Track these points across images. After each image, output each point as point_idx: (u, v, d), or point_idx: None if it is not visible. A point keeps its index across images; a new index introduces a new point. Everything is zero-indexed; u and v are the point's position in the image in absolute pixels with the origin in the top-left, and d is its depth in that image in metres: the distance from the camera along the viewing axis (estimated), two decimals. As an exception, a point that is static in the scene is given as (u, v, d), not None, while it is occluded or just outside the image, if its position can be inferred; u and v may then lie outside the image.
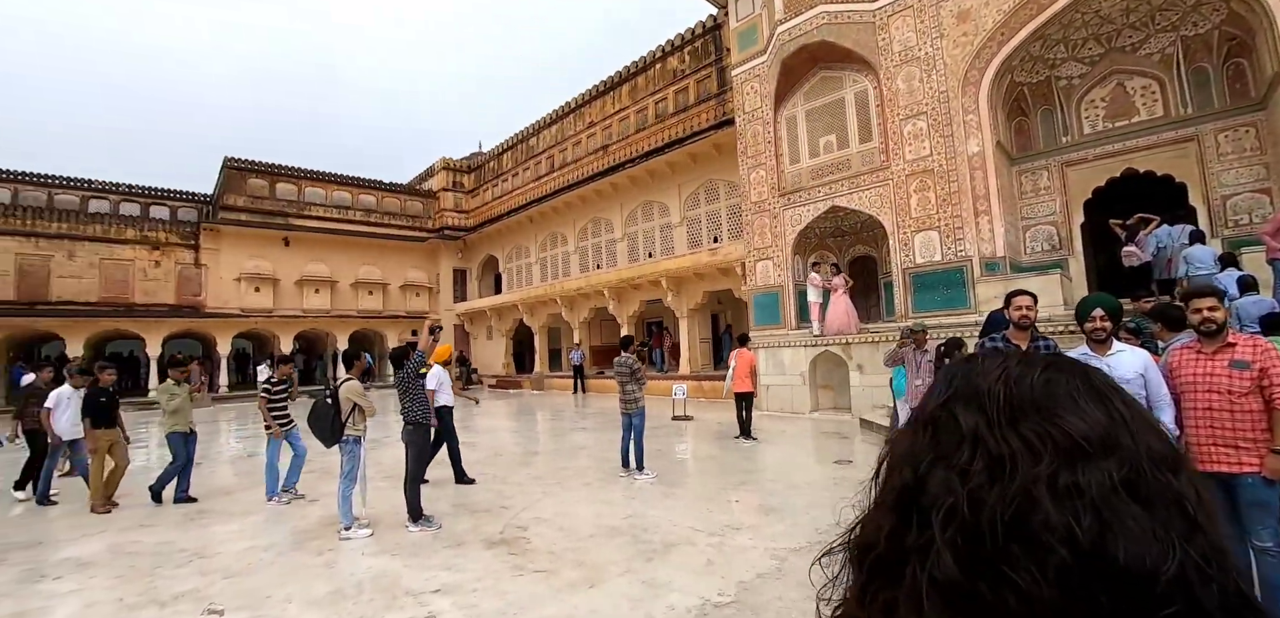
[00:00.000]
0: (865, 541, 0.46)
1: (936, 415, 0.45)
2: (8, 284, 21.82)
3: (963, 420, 0.44)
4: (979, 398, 0.45)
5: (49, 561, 5.22)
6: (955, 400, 0.45)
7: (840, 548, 0.47)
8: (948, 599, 0.39)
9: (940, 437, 0.44)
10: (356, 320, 28.05)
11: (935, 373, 5.99)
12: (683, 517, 5.75)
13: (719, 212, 19.50)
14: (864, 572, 0.45)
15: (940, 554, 0.40)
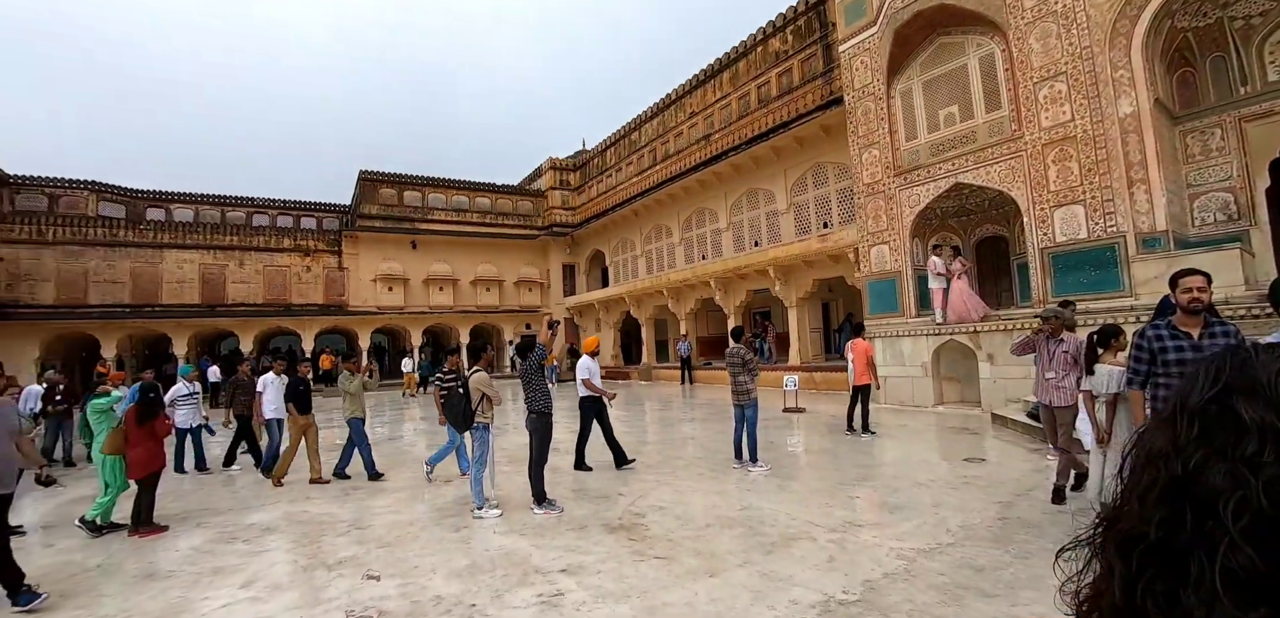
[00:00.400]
0: (1131, 532, 0.45)
1: (1206, 408, 0.44)
2: (194, 290, 25.53)
3: (1244, 412, 0.43)
4: (1261, 389, 0.43)
5: (238, 524, 6.08)
6: (1230, 393, 0.44)
7: (1088, 541, 0.47)
8: (1246, 591, 0.38)
9: (1214, 429, 0.43)
10: (476, 315, 29.97)
11: (1079, 365, 5.42)
12: (800, 511, 5.64)
13: (828, 196, 18.76)
14: (1133, 564, 0.45)
15: (1236, 547, 0.39)
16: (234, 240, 26.78)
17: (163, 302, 24.81)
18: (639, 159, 27.45)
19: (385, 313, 28.22)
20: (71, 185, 28.38)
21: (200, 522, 6.26)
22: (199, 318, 25.06)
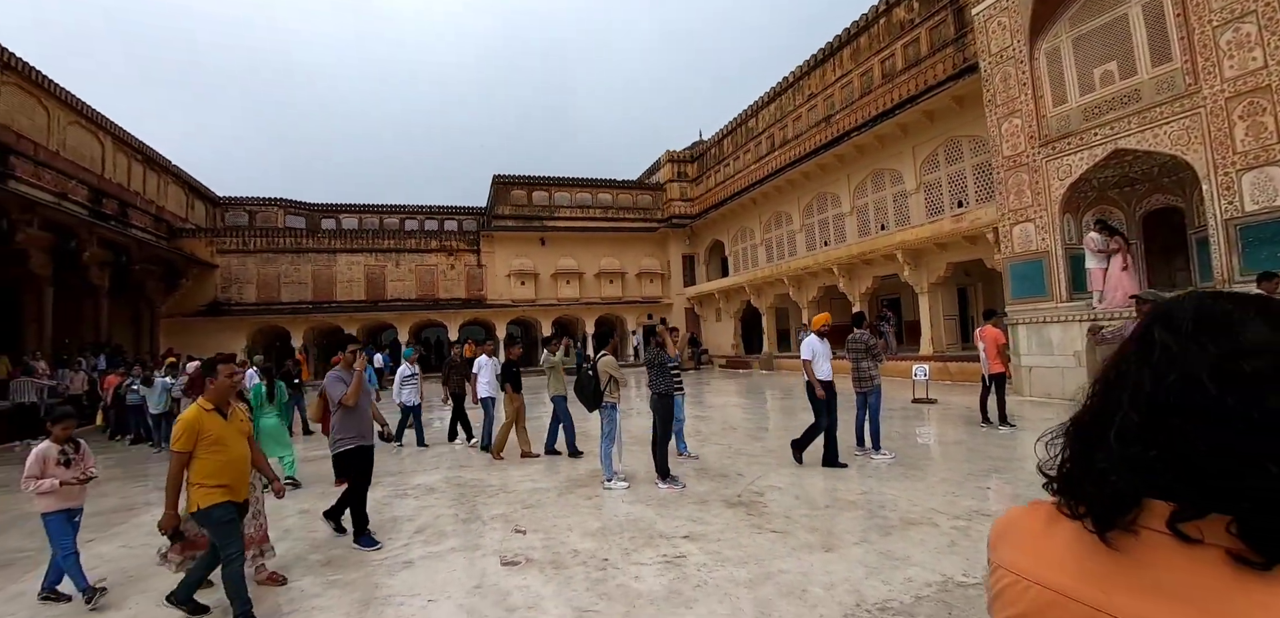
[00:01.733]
0: (1077, 417, 0.69)
1: (1142, 333, 0.66)
2: (360, 288, 29.16)
3: (1156, 334, 0.64)
4: (1173, 321, 0.64)
5: (408, 484, 7.11)
6: (1154, 321, 0.65)
7: (1059, 432, 0.70)
8: (1129, 444, 0.60)
9: (1141, 345, 0.65)
10: (601, 307, 31.35)
11: None
12: (923, 498, 5.56)
13: (963, 172, 17.47)
14: (1075, 438, 0.67)
15: (1127, 415, 0.61)
16: (391, 244, 30.24)
17: (336, 298, 28.63)
18: (756, 146, 27.16)
19: (519, 305, 30.45)
20: (265, 203, 33.56)
21: (376, 482, 7.39)
22: (365, 312, 28.62)
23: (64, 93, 19.29)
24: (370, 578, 4.27)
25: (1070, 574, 0.61)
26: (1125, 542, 0.59)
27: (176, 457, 3.47)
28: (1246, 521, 0.51)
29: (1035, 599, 0.63)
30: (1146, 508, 0.57)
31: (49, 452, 4.08)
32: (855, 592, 3.68)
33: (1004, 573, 0.68)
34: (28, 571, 4.83)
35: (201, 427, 3.53)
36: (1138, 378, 0.62)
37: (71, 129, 19.87)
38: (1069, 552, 0.63)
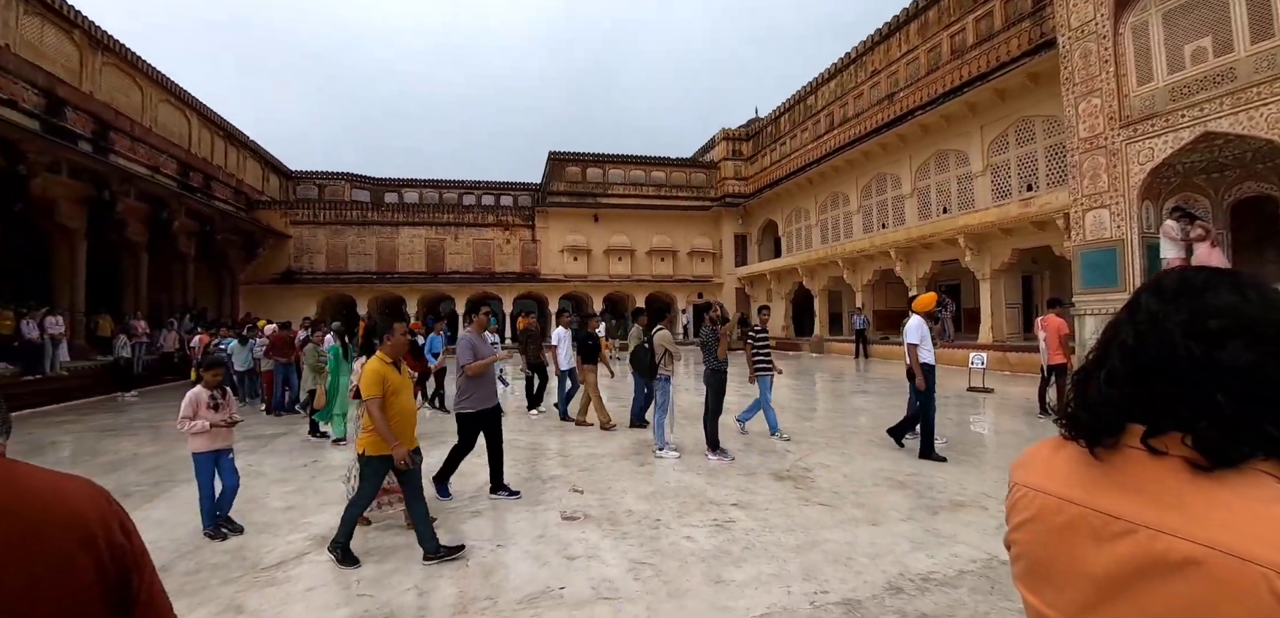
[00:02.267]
0: (1080, 368, 0.85)
1: (1131, 300, 0.81)
2: (421, 260, 30.32)
3: (1141, 298, 0.79)
4: (1160, 289, 0.79)
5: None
6: (1143, 289, 0.81)
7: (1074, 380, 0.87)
8: (1114, 386, 0.76)
9: (1133, 309, 0.80)
10: (651, 284, 31.59)
11: None
12: (974, 484, 5.57)
13: (1034, 154, 16.70)
14: (1076, 383, 0.84)
15: (1114, 364, 0.77)
16: (450, 218, 31.25)
17: (398, 270, 29.88)
18: (814, 124, 26.60)
19: (571, 280, 31.04)
20: (333, 177, 35.17)
21: (443, 440, 7.88)
22: (425, 283, 29.79)
23: (156, 72, 20.72)
24: (444, 522, 4.66)
25: (1067, 483, 0.78)
26: (1110, 457, 0.75)
27: (373, 402, 3.84)
28: (1201, 436, 0.67)
29: (1041, 505, 0.80)
30: (1128, 431, 0.73)
31: (200, 396, 4.50)
32: (899, 563, 3.80)
33: (1017, 488, 0.84)
34: (144, 503, 5.49)
35: (386, 377, 3.93)
36: (1124, 335, 0.78)
37: (162, 106, 21.36)
38: (1068, 467, 0.79)
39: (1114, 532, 0.70)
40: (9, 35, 14.38)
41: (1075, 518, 0.75)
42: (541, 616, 3.24)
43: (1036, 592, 0.79)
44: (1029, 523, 0.81)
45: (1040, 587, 0.79)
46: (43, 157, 13.94)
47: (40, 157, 13.84)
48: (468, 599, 3.45)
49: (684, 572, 3.74)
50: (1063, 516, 0.76)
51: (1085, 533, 0.73)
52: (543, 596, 3.46)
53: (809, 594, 3.41)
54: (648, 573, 3.72)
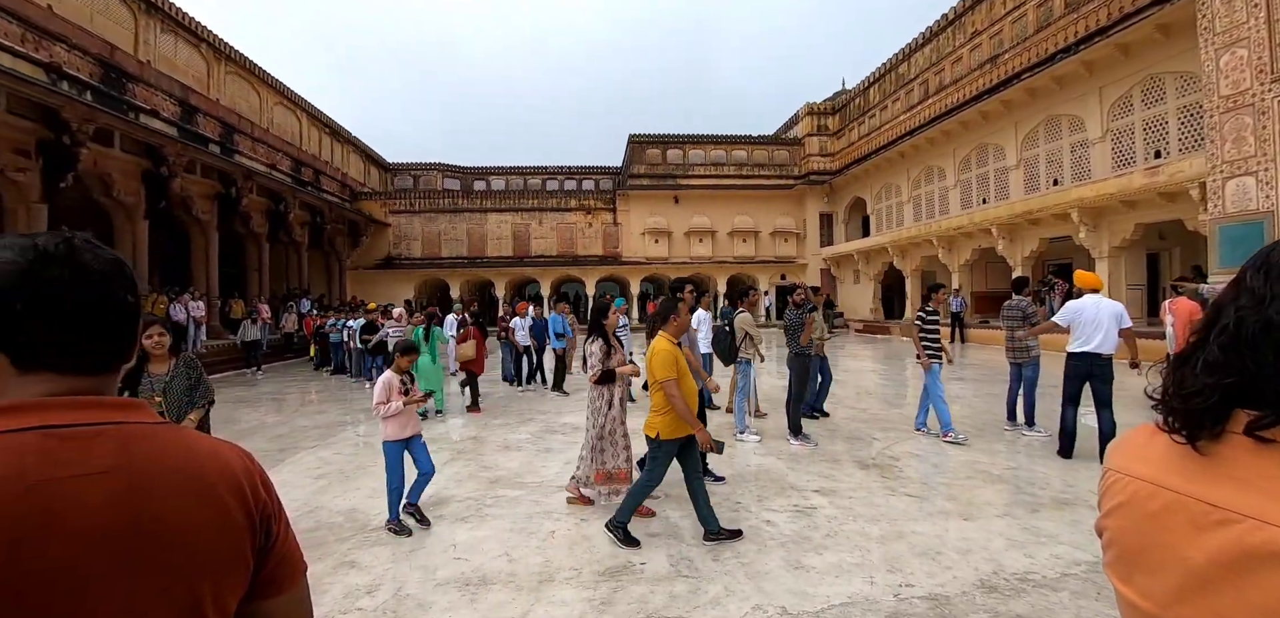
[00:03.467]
0: (1180, 354, 0.81)
1: (1237, 278, 0.76)
2: (508, 245, 31.51)
3: (1247, 279, 0.74)
4: (1269, 266, 0.73)
5: (556, 422, 7.85)
6: (1247, 269, 0.75)
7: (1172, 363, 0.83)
8: (1213, 372, 0.72)
9: (1237, 290, 0.75)
10: (733, 266, 31.23)
11: None
12: (1082, 480, 5.17)
13: (1163, 116, 14.98)
14: (1175, 368, 0.80)
15: (1211, 348, 0.73)
16: (534, 203, 32.24)
17: (487, 254, 31.22)
18: (907, 94, 25.16)
19: (652, 263, 31.23)
20: (426, 168, 37.09)
21: (529, 419, 8.25)
22: (512, 267, 30.99)
23: (271, 77, 22.61)
24: (531, 496, 4.91)
25: (1163, 468, 0.75)
26: (1210, 446, 0.71)
27: (672, 383, 3.83)
28: None
29: (1134, 491, 0.77)
30: (1232, 417, 0.70)
31: (393, 380, 4.37)
32: (993, 560, 3.62)
33: (1111, 474, 0.82)
34: (271, 466, 6.12)
35: (678, 358, 3.97)
36: (1226, 319, 0.73)
37: (277, 108, 23.30)
38: (1164, 452, 0.76)
39: (1213, 521, 0.67)
40: (149, 52, 16.17)
41: (1171, 504, 0.72)
42: (623, 588, 3.36)
43: (1128, 580, 0.77)
44: (1121, 508, 0.78)
45: (1132, 575, 0.76)
46: (181, 159, 15.64)
47: (179, 159, 15.53)
48: (554, 568, 3.63)
49: (763, 555, 3.74)
50: (1157, 501, 0.74)
51: (1182, 520, 0.70)
52: (624, 570, 3.58)
53: (893, 587, 3.33)
54: (727, 554, 3.76)
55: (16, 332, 0.70)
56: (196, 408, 3.62)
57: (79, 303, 0.73)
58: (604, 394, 4.57)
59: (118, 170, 14.38)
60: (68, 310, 0.72)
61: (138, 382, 3.42)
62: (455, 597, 3.32)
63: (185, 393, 3.58)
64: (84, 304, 0.73)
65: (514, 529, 4.24)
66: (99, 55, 13.94)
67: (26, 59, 11.75)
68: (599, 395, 4.58)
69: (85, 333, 0.74)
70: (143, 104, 15.04)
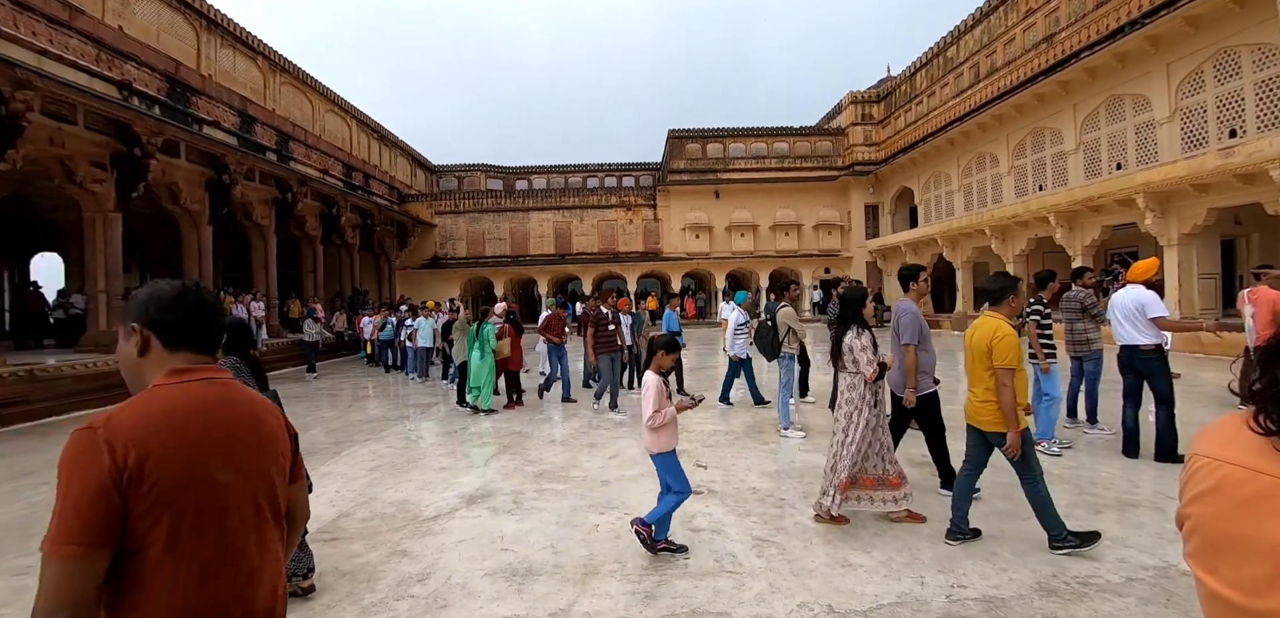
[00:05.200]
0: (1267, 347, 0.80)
1: None
2: (550, 243, 31.91)
3: None
4: None
5: (601, 418, 7.92)
6: None
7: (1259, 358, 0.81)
8: None
9: None
10: (775, 260, 30.83)
11: None
12: (1149, 482, 4.91)
13: (1239, 92, 14.00)
14: (1262, 361, 0.78)
15: None
16: (575, 201, 32.54)
17: (530, 253, 31.70)
18: (956, 79, 24.30)
19: (693, 258, 31.13)
20: (470, 169, 37.85)
21: (574, 414, 8.35)
22: (554, 265, 31.39)
23: (322, 86, 23.46)
24: (575, 490, 4.97)
25: (1257, 454, 0.72)
26: None
27: (1011, 373, 3.56)
28: None
29: (1223, 476, 0.75)
30: None
31: (659, 383, 3.77)
32: (1052, 562, 3.48)
33: (1199, 458, 0.80)
34: (329, 458, 6.37)
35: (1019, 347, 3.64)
36: None
37: (328, 116, 24.17)
38: (1253, 442, 0.74)
39: None
40: (210, 67, 17.00)
41: (1266, 489, 0.70)
42: (667, 582, 3.37)
43: (1211, 569, 0.75)
44: (1209, 494, 0.76)
45: (1215, 563, 0.75)
46: (241, 167, 16.40)
47: (239, 166, 16.29)
48: (598, 560, 3.67)
49: (808, 552, 3.69)
50: (1252, 486, 0.72)
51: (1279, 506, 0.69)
52: (668, 564, 3.59)
53: (945, 587, 3.23)
54: (771, 551, 3.72)
55: (172, 326, 1.24)
56: None
57: (202, 314, 1.29)
58: (869, 393, 4.12)
59: (184, 179, 15.19)
60: (197, 318, 1.27)
61: None
62: (502, 587, 3.40)
63: None
64: (204, 314, 1.29)
65: (558, 522, 4.31)
66: (165, 71, 14.73)
67: (101, 77, 12.49)
68: (863, 394, 4.11)
69: (203, 331, 1.28)
70: (205, 116, 15.82)
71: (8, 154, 10.42)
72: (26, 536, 4.34)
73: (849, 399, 4.14)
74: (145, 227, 18.57)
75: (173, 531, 1.07)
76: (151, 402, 1.13)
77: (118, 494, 1.02)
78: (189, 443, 1.12)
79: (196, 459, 1.12)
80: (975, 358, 3.77)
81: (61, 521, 1.00)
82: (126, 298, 1.14)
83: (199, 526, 1.10)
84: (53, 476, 1.05)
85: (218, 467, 1.15)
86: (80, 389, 10.52)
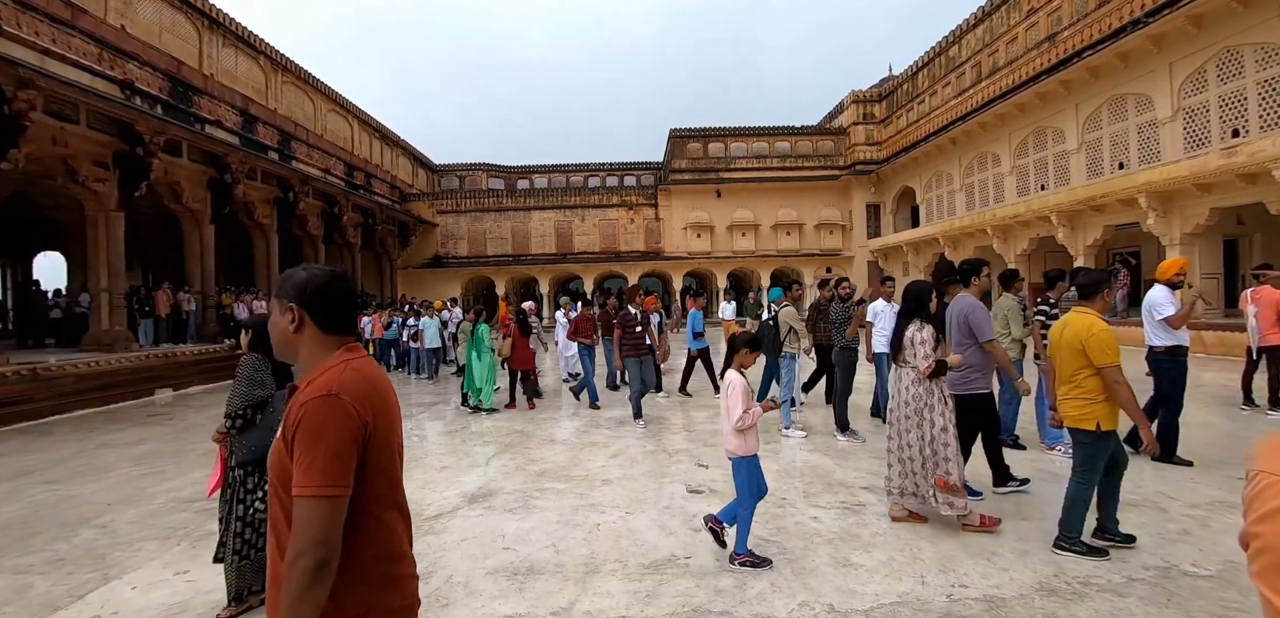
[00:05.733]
0: None
1: None
2: (551, 242, 31.92)
3: None
4: None
5: (601, 417, 7.91)
6: None
7: None
8: None
9: None
10: (777, 259, 30.82)
11: None
12: (1150, 482, 4.88)
13: (1242, 92, 13.98)
14: None
15: None
16: (577, 201, 32.55)
17: (531, 252, 31.71)
18: (958, 78, 24.28)
19: (695, 257, 31.15)
20: (471, 168, 37.85)
21: (576, 413, 8.36)
22: (555, 264, 31.41)
23: (324, 86, 23.47)
24: (576, 489, 4.97)
25: None
26: None
27: (1118, 369, 3.43)
28: None
29: None
30: None
31: (745, 384, 3.65)
32: (1052, 562, 3.47)
33: (1264, 476, 0.77)
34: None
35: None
36: None
37: (330, 115, 24.19)
38: None
39: None
40: (212, 66, 17.02)
41: None
42: (668, 582, 3.37)
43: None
44: (1277, 514, 0.74)
45: None
46: (242, 166, 16.43)
47: (241, 166, 16.32)
48: (599, 559, 3.67)
49: (809, 552, 3.69)
50: None
51: None
52: (669, 563, 3.59)
53: (946, 587, 3.23)
54: (773, 550, 3.72)
55: (326, 311, 1.38)
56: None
57: (350, 301, 1.43)
58: (937, 390, 3.96)
59: (186, 178, 15.21)
60: (344, 303, 1.41)
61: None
62: (505, 585, 3.40)
63: None
64: (351, 302, 1.44)
65: (560, 521, 4.31)
66: (167, 71, 14.75)
67: (103, 77, 12.52)
68: (930, 391, 3.94)
69: (349, 315, 1.43)
70: (207, 115, 15.84)
71: (11, 153, 10.45)
72: (28, 534, 4.35)
73: (916, 396, 3.98)
74: (147, 226, 18.60)
75: (379, 480, 1.29)
76: (363, 373, 1.33)
77: (360, 448, 1.24)
78: (387, 409, 1.34)
79: (388, 423, 1.34)
80: (1066, 355, 3.61)
81: (326, 468, 1.18)
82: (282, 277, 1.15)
83: (390, 476, 1.33)
84: (55, 474, 1.06)
85: (395, 430, 1.38)
86: (81, 389, 10.54)
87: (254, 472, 3.19)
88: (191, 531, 4.35)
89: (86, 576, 3.66)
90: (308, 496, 1.17)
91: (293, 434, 1.22)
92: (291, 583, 1.14)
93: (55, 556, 3.98)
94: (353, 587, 1.23)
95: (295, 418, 1.23)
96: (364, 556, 1.25)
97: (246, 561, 3.16)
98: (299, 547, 1.15)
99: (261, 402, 3.21)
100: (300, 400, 1.25)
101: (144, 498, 5.13)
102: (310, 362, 1.36)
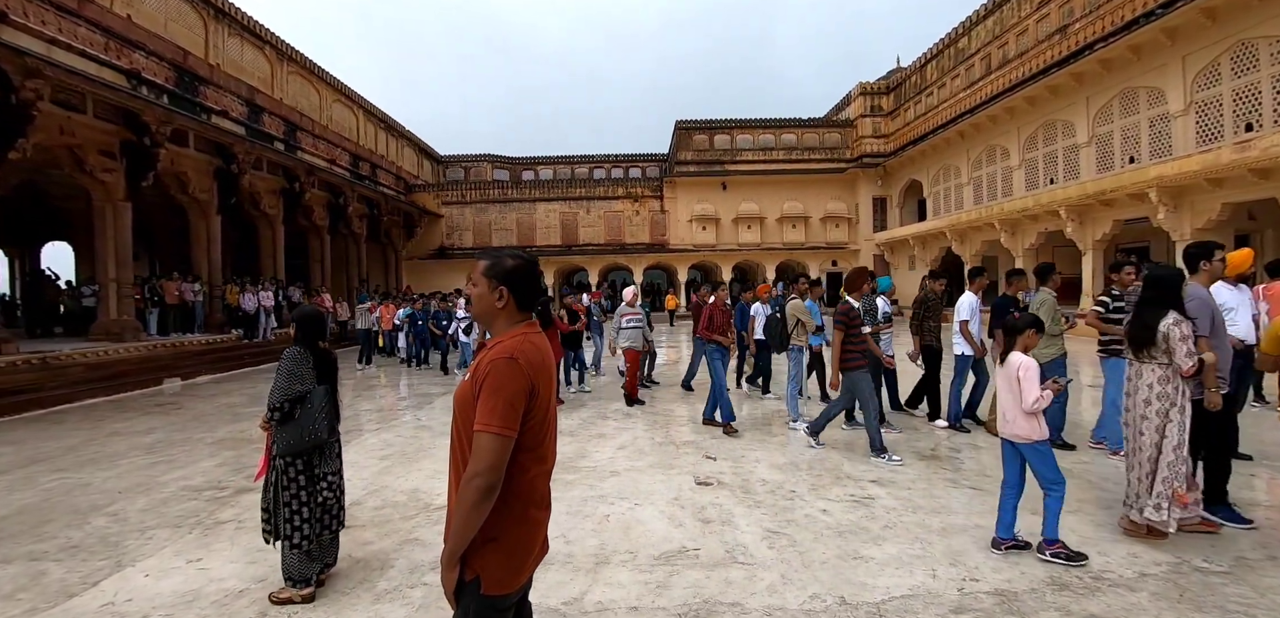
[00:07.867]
0: None
1: None
2: (556, 233, 31.88)
3: None
4: None
5: (609, 408, 7.92)
6: None
7: None
8: None
9: None
10: (782, 252, 30.73)
11: None
12: (1163, 471, 4.85)
13: (1256, 85, 13.83)
14: None
15: None
16: (582, 192, 32.50)
17: (537, 243, 31.69)
18: (967, 70, 24.09)
19: (700, 250, 31.07)
20: (476, 159, 37.80)
21: (583, 404, 8.36)
22: (561, 256, 31.38)
23: (329, 76, 23.41)
24: (584, 480, 4.98)
25: None
26: None
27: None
28: None
29: None
30: None
31: (1036, 365, 3.55)
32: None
33: None
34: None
35: None
36: None
37: (335, 106, 24.14)
38: None
39: None
40: (218, 56, 16.99)
41: None
42: (678, 572, 3.37)
43: None
44: None
45: None
46: (248, 156, 16.44)
47: (247, 156, 16.33)
48: (609, 551, 3.67)
49: (819, 544, 3.69)
50: None
51: None
52: (679, 555, 3.59)
53: (957, 580, 3.22)
54: (782, 542, 3.71)
55: (524, 294, 1.65)
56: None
57: (538, 286, 1.70)
58: (1186, 391, 3.60)
59: (192, 169, 15.23)
60: (537, 288, 1.69)
61: None
62: (514, 577, 3.40)
63: None
64: (539, 288, 1.71)
65: (569, 513, 4.31)
66: (173, 60, 14.74)
67: (110, 66, 12.52)
68: (1180, 392, 3.58)
69: (537, 297, 1.70)
70: (213, 105, 15.84)
71: (18, 143, 10.48)
72: (42, 521, 4.38)
73: (1162, 396, 3.58)
74: (154, 215, 18.67)
75: (532, 433, 1.55)
76: (535, 345, 1.60)
77: (526, 402, 1.51)
78: (548, 376, 1.59)
79: (548, 387, 1.59)
80: None
81: (503, 413, 1.46)
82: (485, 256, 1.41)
83: (545, 432, 1.61)
84: (66, 462, 1.07)
85: (552, 394, 1.63)
86: (91, 378, 10.61)
87: (295, 462, 3.22)
88: (203, 519, 4.37)
89: (100, 563, 3.68)
90: (487, 432, 1.46)
91: (481, 381, 1.50)
92: (465, 496, 1.46)
93: (68, 542, 4.00)
94: (495, 513, 1.51)
95: (485, 370, 1.51)
96: (507, 491, 1.51)
97: (314, 545, 3.21)
98: (476, 469, 1.45)
99: (300, 397, 3.22)
100: (489, 357, 1.53)
101: (155, 486, 5.16)
102: (501, 330, 1.63)
